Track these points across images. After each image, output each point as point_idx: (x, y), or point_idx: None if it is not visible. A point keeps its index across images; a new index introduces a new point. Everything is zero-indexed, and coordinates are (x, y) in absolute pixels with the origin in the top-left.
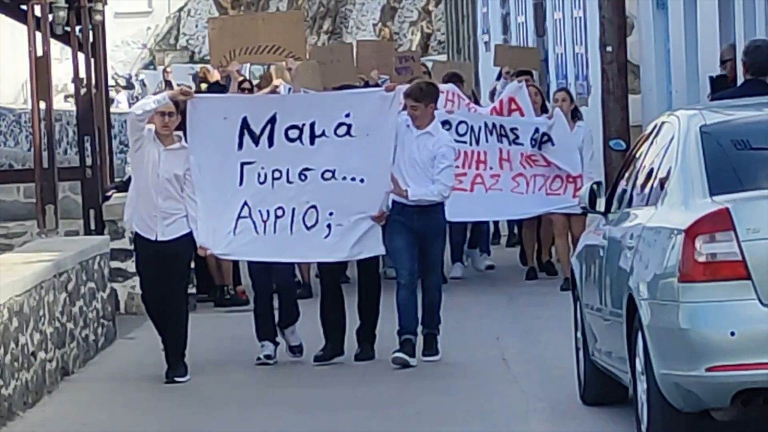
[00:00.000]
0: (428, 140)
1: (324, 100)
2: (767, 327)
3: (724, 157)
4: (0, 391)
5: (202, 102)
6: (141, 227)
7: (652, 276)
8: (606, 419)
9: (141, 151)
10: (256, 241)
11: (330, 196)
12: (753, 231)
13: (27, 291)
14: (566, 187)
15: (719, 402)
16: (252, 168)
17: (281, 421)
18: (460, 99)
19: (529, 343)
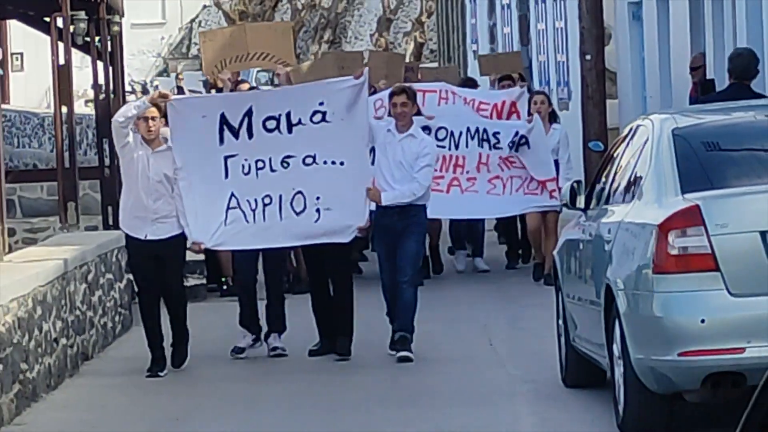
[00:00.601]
0: (412, 142)
1: (297, 92)
2: (735, 315)
3: (695, 158)
4: (25, 374)
5: (181, 103)
6: (130, 227)
7: (628, 268)
8: (586, 400)
9: (129, 156)
10: (247, 229)
11: (314, 180)
12: (721, 226)
13: (50, 282)
14: (542, 189)
15: (690, 384)
16: (235, 160)
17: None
18: (454, 95)
19: (514, 330)
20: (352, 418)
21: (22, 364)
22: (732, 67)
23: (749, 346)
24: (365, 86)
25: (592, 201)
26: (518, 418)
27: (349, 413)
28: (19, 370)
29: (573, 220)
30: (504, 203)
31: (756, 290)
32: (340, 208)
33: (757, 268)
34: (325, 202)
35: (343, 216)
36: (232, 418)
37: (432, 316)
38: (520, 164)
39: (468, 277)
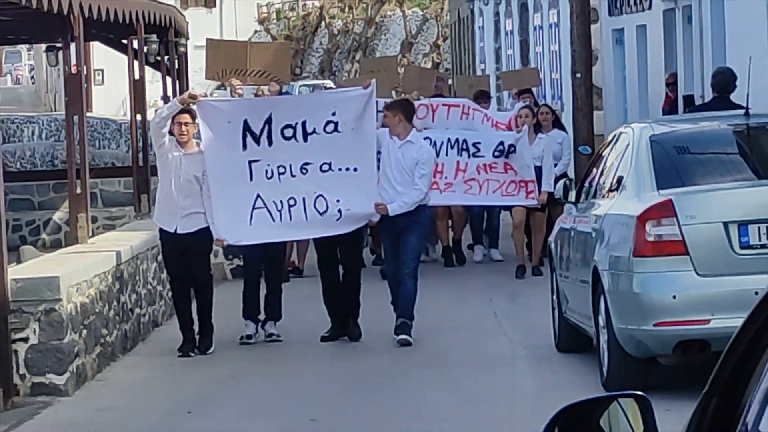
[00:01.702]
0: (411, 148)
1: (312, 100)
2: (701, 292)
3: (668, 160)
4: (105, 338)
5: (208, 106)
6: (163, 221)
7: (612, 252)
8: (575, 363)
9: (164, 156)
10: (275, 227)
11: (332, 185)
12: (690, 217)
13: (126, 261)
14: (519, 189)
15: (664, 350)
16: (259, 165)
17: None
18: (475, 112)
19: (515, 305)
20: (376, 379)
21: (103, 329)
22: (715, 82)
23: (713, 318)
24: (373, 96)
25: (581, 195)
26: (518, 378)
27: (374, 376)
28: (101, 335)
29: (565, 212)
30: (481, 199)
31: (719, 271)
32: (359, 207)
33: (720, 253)
34: (345, 203)
35: (360, 215)
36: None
37: (448, 295)
38: (500, 170)
39: (482, 265)
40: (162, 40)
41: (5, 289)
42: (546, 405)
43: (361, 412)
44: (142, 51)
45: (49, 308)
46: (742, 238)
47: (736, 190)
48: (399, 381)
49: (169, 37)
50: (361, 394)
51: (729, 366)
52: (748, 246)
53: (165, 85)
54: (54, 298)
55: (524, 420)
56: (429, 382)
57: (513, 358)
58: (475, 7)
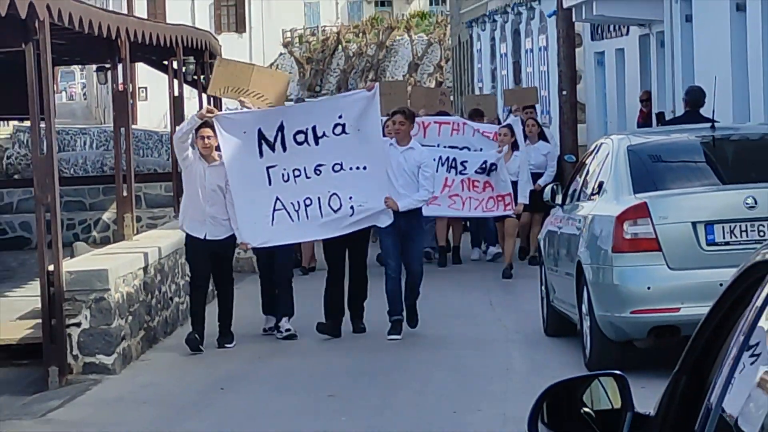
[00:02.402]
0: (412, 153)
1: (319, 106)
2: (672, 284)
3: (644, 167)
4: (148, 323)
5: (224, 119)
6: (192, 229)
7: (594, 248)
8: (562, 346)
9: (189, 168)
10: (294, 227)
11: (344, 183)
12: (663, 218)
13: (166, 255)
14: (498, 204)
15: (639, 335)
16: (276, 170)
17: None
18: (464, 126)
19: (509, 295)
20: (385, 360)
21: (146, 316)
22: (687, 99)
23: (683, 307)
24: (376, 98)
25: (567, 199)
26: (511, 358)
27: (384, 356)
28: (144, 321)
29: (552, 213)
30: (464, 213)
31: (688, 265)
32: (371, 203)
33: (689, 249)
34: (357, 199)
35: (374, 208)
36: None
37: (449, 287)
38: (480, 189)
39: (479, 263)
40: (198, 62)
41: (61, 280)
42: (535, 383)
43: (372, 388)
44: (180, 71)
45: (99, 297)
46: (708, 236)
47: (703, 193)
48: (405, 361)
49: (204, 59)
50: (372, 374)
51: (697, 349)
52: (713, 243)
53: (201, 101)
54: (103, 288)
55: (516, 395)
56: (432, 362)
57: (506, 342)
58: (474, 33)
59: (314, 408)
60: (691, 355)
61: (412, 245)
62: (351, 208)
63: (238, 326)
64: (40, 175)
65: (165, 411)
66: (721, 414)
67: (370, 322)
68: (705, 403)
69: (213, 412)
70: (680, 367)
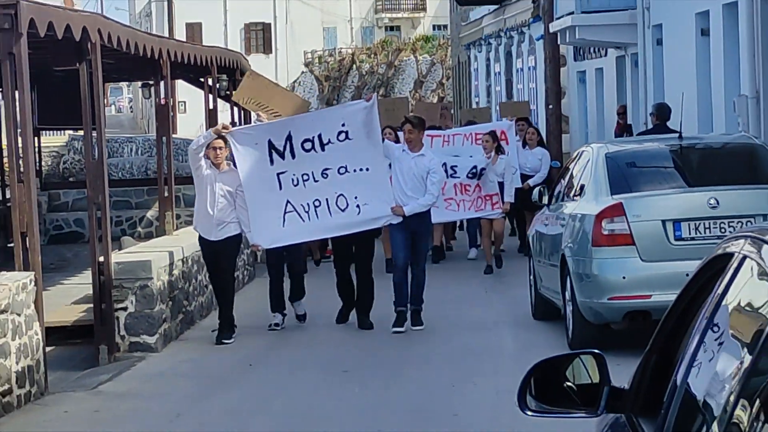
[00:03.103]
0: (422, 159)
1: (323, 116)
2: (644, 274)
3: (620, 172)
4: (186, 308)
5: (238, 133)
6: (202, 231)
7: (576, 242)
8: (547, 328)
9: (201, 176)
10: (304, 227)
11: (350, 185)
12: (636, 216)
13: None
14: (486, 204)
15: (615, 318)
16: (286, 176)
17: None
18: (455, 137)
19: (501, 284)
20: (392, 340)
21: (185, 301)
22: (656, 113)
23: (654, 294)
24: (374, 107)
25: (552, 199)
26: (502, 338)
27: (390, 337)
28: (183, 305)
29: (540, 212)
30: (459, 215)
31: (658, 258)
32: (375, 202)
33: (659, 244)
34: (362, 199)
35: (377, 207)
36: (310, 346)
37: (448, 277)
38: (471, 191)
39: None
40: (230, 79)
41: (110, 269)
42: (524, 360)
43: (381, 365)
44: (215, 87)
45: (143, 285)
46: (676, 232)
47: (672, 195)
48: (409, 342)
49: (236, 76)
50: (380, 352)
51: (665, 331)
52: (681, 238)
53: (232, 114)
54: (147, 276)
55: (507, 371)
56: (433, 341)
57: (498, 324)
58: (471, 54)
59: (331, 381)
60: (661, 337)
61: (419, 243)
62: (357, 206)
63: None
64: (92, 177)
65: (200, 384)
66: (686, 388)
67: (374, 316)
68: (672, 378)
69: (243, 384)
70: (651, 346)
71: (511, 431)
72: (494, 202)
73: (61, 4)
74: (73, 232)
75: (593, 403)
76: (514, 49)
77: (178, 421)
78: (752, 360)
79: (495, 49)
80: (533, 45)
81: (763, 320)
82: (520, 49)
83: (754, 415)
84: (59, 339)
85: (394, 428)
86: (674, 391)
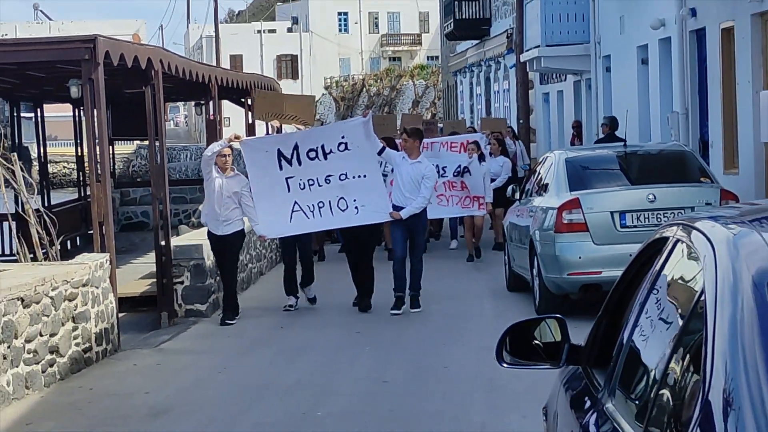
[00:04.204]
0: (419, 166)
1: (326, 130)
2: (596, 254)
3: (577, 173)
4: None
5: (250, 142)
6: (211, 226)
7: (542, 229)
8: (519, 298)
9: (211, 179)
10: (309, 222)
11: (350, 189)
12: (590, 208)
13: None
14: (473, 202)
15: (573, 290)
16: (293, 180)
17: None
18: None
19: (482, 262)
20: (394, 319)
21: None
22: (608, 124)
23: (604, 270)
24: (370, 122)
25: (523, 195)
26: (483, 305)
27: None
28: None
29: (513, 206)
30: (448, 210)
31: (608, 242)
32: (371, 204)
33: (608, 230)
34: (360, 201)
35: (373, 208)
36: (328, 314)
37: (439, 261)
38: (459, 188)
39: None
40: None
41: (170, 251)
42: (500, 324)
43: (386, 328)
44: (253, 106)
45: (196, 263)
46: (621, 221)
47: (618, 191)
48: (409, 310)
49: None
50: (386, 319)
51: (614, 299)
52: (625, 226)
53: (267, 127)
54: (199, 257)
55: (487, 332)
56: (428, 310)
57: (481, 295)
58: (458, 79)
59: (347, 341)
60: (610, 304)
61: (415, 237)
62: (356, 208)
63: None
64: (155, 178)
65: (242, 342)
66: (631, 345)
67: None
68: (620, 337)
69: (276, 342)
70: (602, 312)
71: (491, 380)
72: (480, 203)
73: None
74: (140, 222)
75: (556, 357)
76: (492, 75)
77: (225, 372)
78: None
79: (477, 75)
80: (507, 72)
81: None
82: (497, 75)
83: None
84: (129, 307)
85: (397, 378)
86: (621, 348)
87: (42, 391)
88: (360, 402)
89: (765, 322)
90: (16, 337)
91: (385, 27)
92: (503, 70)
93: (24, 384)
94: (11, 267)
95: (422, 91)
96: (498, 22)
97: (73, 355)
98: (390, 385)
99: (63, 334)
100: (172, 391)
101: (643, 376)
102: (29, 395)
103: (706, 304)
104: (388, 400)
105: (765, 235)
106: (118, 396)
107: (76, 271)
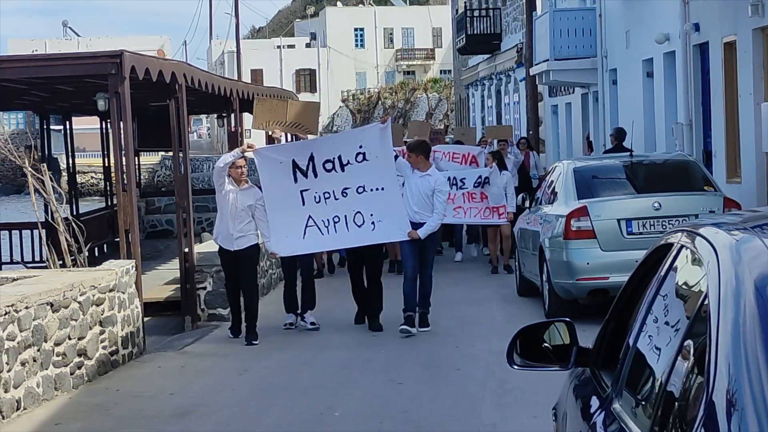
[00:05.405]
0: (429, 179)
1: (342, 138)
2: (604, 260)
3: (585, 182)
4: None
5: (263, 152)
6: (223, 242)
7: (551, 236)
8: (529, 303)
9: (224, 192)
10: (323, 239)
11: (367, 203)
12: (598, 216)
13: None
14: (493, 213)
15: (581, 295)
16: (308, 193)
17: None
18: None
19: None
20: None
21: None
22: (616, 135)
23: (611, 276)
24: (388, 128)
25: (533, 203)
26: (494, 310)
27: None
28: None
29: (523, 214)
30: (466, 220)
31: (614, 248)
32: (389, 219)
33: (615, 237)
34: (377, 216)
35: (391, 224)
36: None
37: (453, 270)
38: (478, 200)
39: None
40: None
41: (193, 258)
42: (512, 327)
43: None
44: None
45: (218, 270)
46: (628, 228)
47: (625, 199)
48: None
49: None
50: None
51: (620, 304)
52: (632, 233)
53: (286, 138)
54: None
55: (498, 335)
56: (440, 313)
57: (492, 300)
58: (470, 92)
59: (363, 341)
60: (617, 308)
61: (426, 253)
62: (372, 223)
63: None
64: (179, 187)
65: (262, 345)
66: (637, 347)
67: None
68: (626, 340)
69: (295, 346)
70: (609, 316)
71: (502, 381)
72: (501, 213)
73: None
74: (165, 230)
75: (565, 359)
76: (502, 88)
77: (246, 374)
78: (688, 325)
79: (488, 88)
80: (517, 85)
81: (696, 295)
82: (507, 88)
83: (689, 368)
84: (154, 311)
85: (411, 380)
86: (627, 350)
87: (70, 393)
88: (375, 403)
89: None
90: (45, 341)
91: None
92: (513, 84)
93: (53, 386)
94: (41, 273)
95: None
96: (508, 37)
97: (101, 358)
98: (404, 386)
99: (90, 337)
100: (195, 392)
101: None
102: (58, 396)
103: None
104: (402, 401)
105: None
106: (143, 397)
107: (103, 277)
